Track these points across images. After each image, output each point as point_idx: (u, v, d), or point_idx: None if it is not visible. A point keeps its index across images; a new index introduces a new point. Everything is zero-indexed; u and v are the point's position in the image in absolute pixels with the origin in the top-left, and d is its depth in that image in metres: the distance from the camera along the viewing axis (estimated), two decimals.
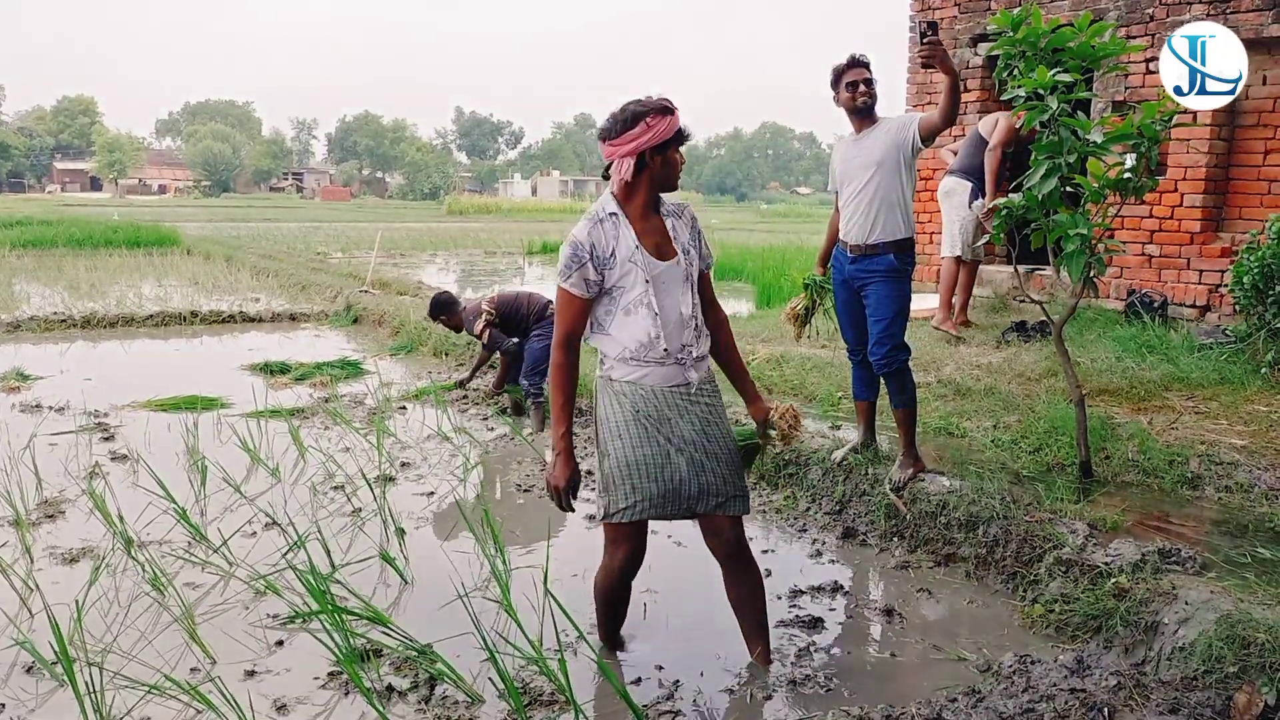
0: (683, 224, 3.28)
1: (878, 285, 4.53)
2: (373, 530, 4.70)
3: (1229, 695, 3.00)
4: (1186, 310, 7.62)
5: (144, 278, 14.99)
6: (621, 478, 3.17)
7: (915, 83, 9.88)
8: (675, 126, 3.09)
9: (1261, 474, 4.60)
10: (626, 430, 3.16)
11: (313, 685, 3.30)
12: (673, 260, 3.17)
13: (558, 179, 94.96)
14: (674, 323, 3.15)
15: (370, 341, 10.27)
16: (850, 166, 4.53)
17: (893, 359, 4.49)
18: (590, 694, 3.27)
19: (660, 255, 3.16)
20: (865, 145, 4.49)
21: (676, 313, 3.16)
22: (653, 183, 3.15)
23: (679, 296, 3.17)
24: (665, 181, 3.16)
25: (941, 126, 4.39)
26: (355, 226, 32.97)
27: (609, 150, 3.12)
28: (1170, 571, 3.62)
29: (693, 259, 3.24)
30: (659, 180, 3.15)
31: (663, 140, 3.08)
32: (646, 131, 3.05)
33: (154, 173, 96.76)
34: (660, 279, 3.14)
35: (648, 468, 3.15)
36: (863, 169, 4.47)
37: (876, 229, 4.48)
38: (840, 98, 4.50)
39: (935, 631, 3.74)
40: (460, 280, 18.43)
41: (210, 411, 6.92)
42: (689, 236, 3.27)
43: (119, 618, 3.74)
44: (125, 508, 4.71)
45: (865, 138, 4.50)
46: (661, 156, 3.11)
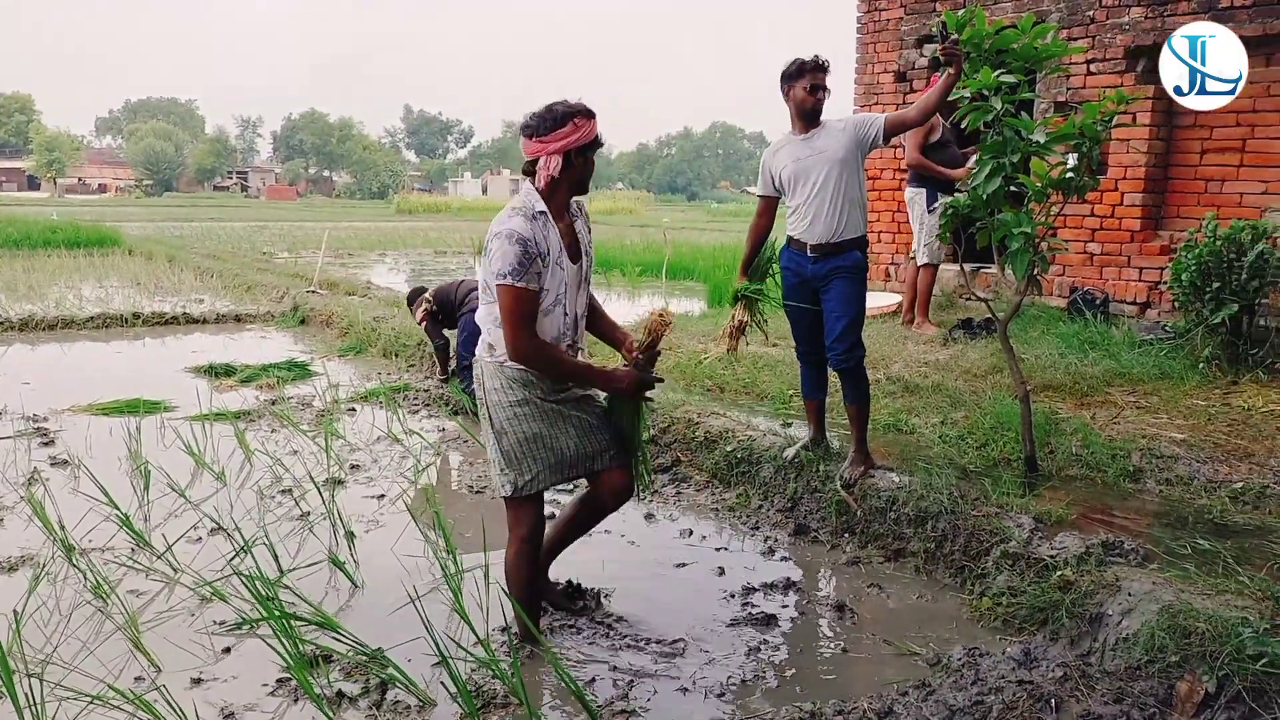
0: (583, 225, 3.48)
1: (842, 282, 4.53)
2: (322, 534, 4.64)
3: (1171, 684, 3.06)
4: (1127, 307, 7.78)
5: (84, 279, 14.66)
6: (522, 454, 3.40)
7: (862, 83, 9.98)
8: (595, 130, 3.27)
9: (1200, 467, 4.71)
10: (522, 409, 3.37)
11: (261, 692, 3.25)
12: (579, 263, 3.39)
13: (508, 178, 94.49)
14: (571, 319, 3.39)
15: (318, 342, 10.14)
16: (804, 165, 4.51)
17: (851, 355, 4.53)
18: (544, 695, 3.26)
19: (571, 257, 3.35)
20: (819, 144, 4.49)
21: (574, 311, 3.40)
22: (571, 183, 3.30)
23: (576, 296, 3.40)
24: (582, 183, 3.33)
25: (916, 123, 4.46)
26: (302, 226, 32.52)
27: (536, 147, 3.23)
28: (1114, 563, 3.69)
29: (591, 260, 3.47)
30: (577, 181, 3.31)
31: (587, 142, 3.25)
32: (574, 132, 3.21)
33: (94, 171, 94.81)
34: (570, 280, 3.35)
35: (542, 440, 3.40)
36: (822, 165, 4.46)
37: (844, 226, 4.50)
38: (795, 94, 4.48)
39: (886, 626, 3.77)
40: (410, 280, 18.27)
41: (153, 415, 6.79)
42: (589, 238, 3.47)
43: (60, 627, 3.65)
44: (66, 514, 4.61)
45: (816, 137, 4.51)
46: (584, 158, 3.27)
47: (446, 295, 7.29)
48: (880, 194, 9.84)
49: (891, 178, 9.71)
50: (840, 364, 4.56)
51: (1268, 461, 4.73)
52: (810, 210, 4.53)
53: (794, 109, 4.54)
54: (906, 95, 9.54)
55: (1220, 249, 6.14)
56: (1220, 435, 5.16)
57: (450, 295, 7.27)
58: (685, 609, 3.90)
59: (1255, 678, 2.90)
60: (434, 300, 7.25)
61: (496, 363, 3.36)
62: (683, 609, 3.90)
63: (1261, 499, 4.33)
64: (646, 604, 3.94)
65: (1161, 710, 3.02)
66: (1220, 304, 6.14)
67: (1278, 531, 3.96)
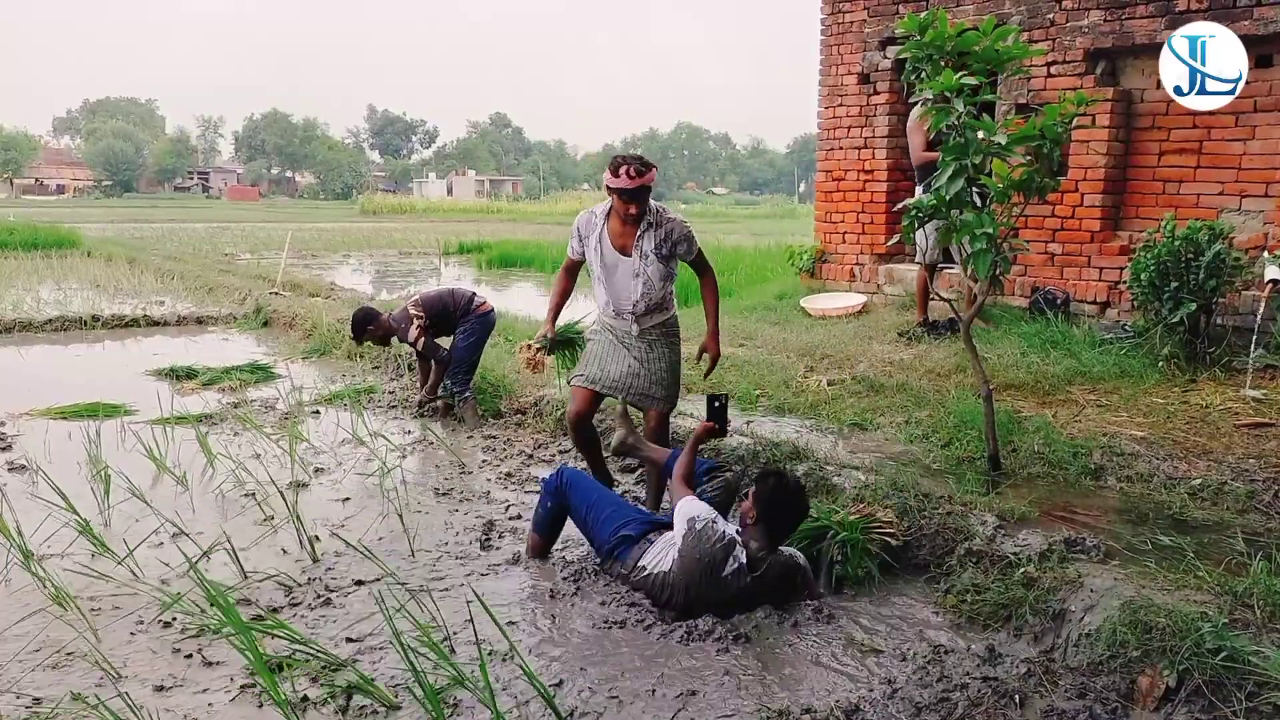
0: (652, 233, 4.57)
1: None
2: (286, 538, 4.59)
3: (1133, 679, 3.10)
4: (1088, 306, 7.87)
5: (42, 281, 14.43)
6: (584, 360, 4.86)
7: (826, 85, 10.03)
8: (614, 184, 4.41)
9: (1160, 464, 4.77)
10: (595, 336, 4.85)
11: (225, 698, 3.21)
12: (630, 257, 4.59)
13: (473, 179, 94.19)
14: (623, 295, 4.63)
15: (281, 345, 10.04)
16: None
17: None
18: (512, 699, 3.24)
19: (620, 250, 4.61)
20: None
21: (626, 291, 4.62)
22: (616, 205, 4.56)
23: (619, 279, 4.62)
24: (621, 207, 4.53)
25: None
26: (264, 227, 32.24)
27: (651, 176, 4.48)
28: (1076, 560, 3.74)
29: (648, 259, 4.57)
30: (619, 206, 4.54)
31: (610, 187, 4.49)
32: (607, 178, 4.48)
33: (51, 172, 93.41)
34: (610, 264, 4.63)
35: (593, 359, 4.78)
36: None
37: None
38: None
39: (851, 624, 3.79)
40: (375, 281, 18.16)
41: (113, 419, 6.69)
42: (652, 244, 4.57)
43: (18, 635, 3.59)
44: (23, 521, 4.52)
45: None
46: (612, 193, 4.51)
47: (442, 304, 6.90)
48: (845, 195, 9.90)
49: (856, 179, 9.77)
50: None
51: (1225, 458, 4.81)
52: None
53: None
54: (870, 97, 9.60)
55: (1178, 249, 6.24)
56: (1179, 433, 5.24)
57: (446, 303, 6.92)
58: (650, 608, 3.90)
59: (1215, 672, 2.95)
60: (425, 313, 6.81)
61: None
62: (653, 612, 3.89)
63: (1220, 495, 4.40)
64: (619, 609, 3.93)
65: (1123, 705, 3.06)
66: (1179, 303, 6.23)
67: (1236, 527, 4.03)
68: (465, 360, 6.80)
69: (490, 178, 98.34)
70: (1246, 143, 7.03)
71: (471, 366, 6.87)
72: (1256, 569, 3.47)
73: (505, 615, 3.74)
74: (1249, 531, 3.97)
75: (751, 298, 10.80)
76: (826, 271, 10.15)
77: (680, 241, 4.62)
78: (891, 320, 8.54)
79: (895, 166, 9.45)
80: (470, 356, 6.84)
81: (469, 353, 6.83)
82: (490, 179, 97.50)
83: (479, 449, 6.21)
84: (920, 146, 7.65)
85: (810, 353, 7.60)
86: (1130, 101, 7.67)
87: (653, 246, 4.55)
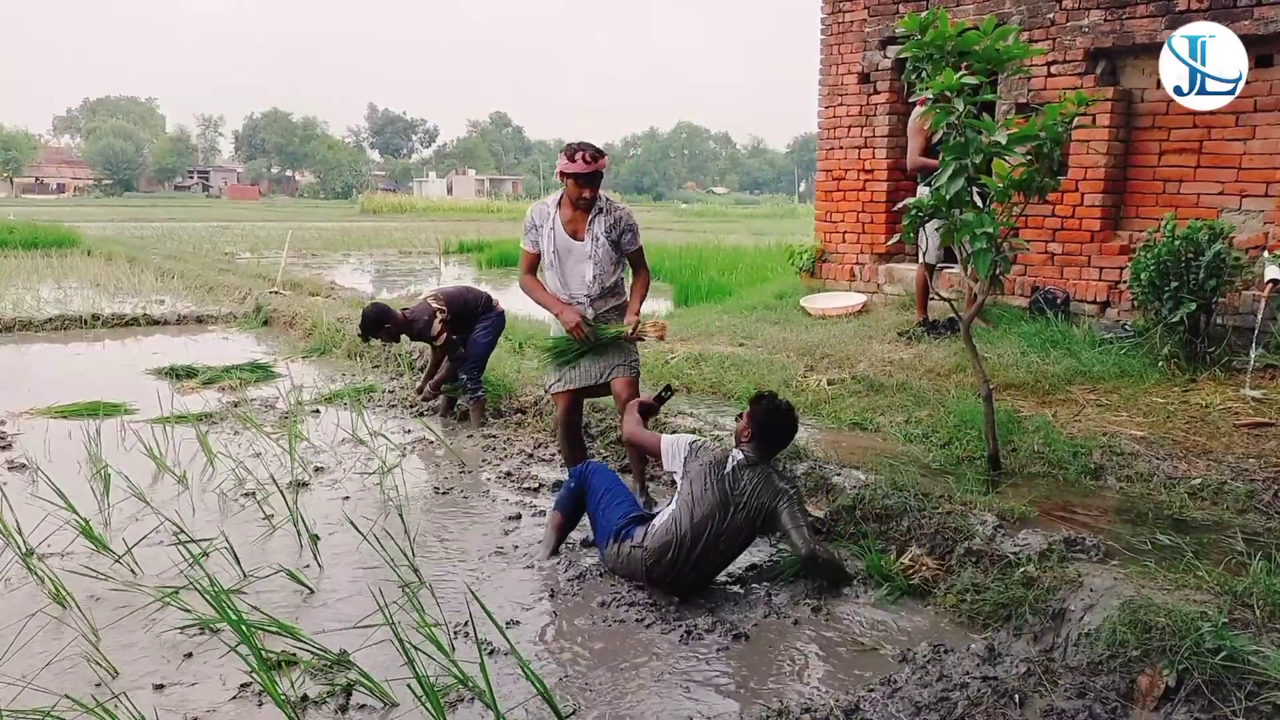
0: (602, 219, 4.84)
1: None
2: (286, 537, 4.60)
3: (1133, 678, 3.10)
4: (1088, 306, 7.87)
5: (42, 280, 14.43)
6: (555, 367, 5.03)
7: (826, 84, 10.03)
8: (568, 168, 4.69)
9: (1160, 463, 4.77)
10: (555, 336, 5.01)
11: (224, 697, 3.22)
12: (582, 241, 4.85)
13: (474, 178, 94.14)
14: (575, 279, 4.89)
15: (281, 344, 10.04)
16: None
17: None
18: (512, 696, 3.25)
19: (572, 235, 4.87)
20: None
21: (579, 274, 4.88)
22: (568, 192, 4.82)
23: (573, 264, 4.89)
24: (571, 193, 4.81)
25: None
26: (264, 226, 32.21)
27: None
28: (1076, 560, 3.74)
29: (599, 244, 4.84)
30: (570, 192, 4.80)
31: (562, 171, 4.75)
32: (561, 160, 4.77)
33: (52, 171, 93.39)
34: (562, 250, 4.88)
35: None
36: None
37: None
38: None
39: (851, 623, 3.79)
40: (375, 280, 18.16)
41: (113, 418, 6.69)
42: (602, 228, 4.84)
43: (17, 634, 3.58)
44: (23, 519, 4.52)
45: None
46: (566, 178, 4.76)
47: (464, 301, 6.84)
48: (845, 194, 9.90)
49: (856, 178, 9.77)
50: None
51: (1225, 458, 4.81)
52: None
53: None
54: (870, 97, 9.60)
55: (1178, 249, 6.23)
56: (1179, 432, 5.24)
57: (468, 300, 6.87)
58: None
59: (1214, 671, 2.95)
60: (448, 308, 6.70)
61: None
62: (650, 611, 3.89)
63: (1219, 495, 4.40)
64: (616, 608, 3.93)
65: (1123, 704, 3.06)
66: (1179, 303, 6.23)
67: (1235, 526, 4.03)
68: (483, 357, 6.80)
69: (490, 177, 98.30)
70: (1247, 142, 7.02)
71: (485, 364, 6.88)
72: (1256, 569, 3.47)
73: (505, 614, 3.75)
74: (1249, 531, 3.97)
75: (751, 297, 10.80)
76: (826, 271, 10.15)
77: (627, 230, 4.92)
78: (891, 320, 8.54)
79: (895, 166, 9.44)
80: (487, 353, 6.86)
81: (488, 349, 6.85)
82: (490, 178, 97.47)
83: (479, 448, 6.22)
84: (918, 150, 7.65)
85: (810, 352, 7.60)
86: (1130, 101, 7.66)
87: (603, 230, 4.85)
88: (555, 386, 5.06)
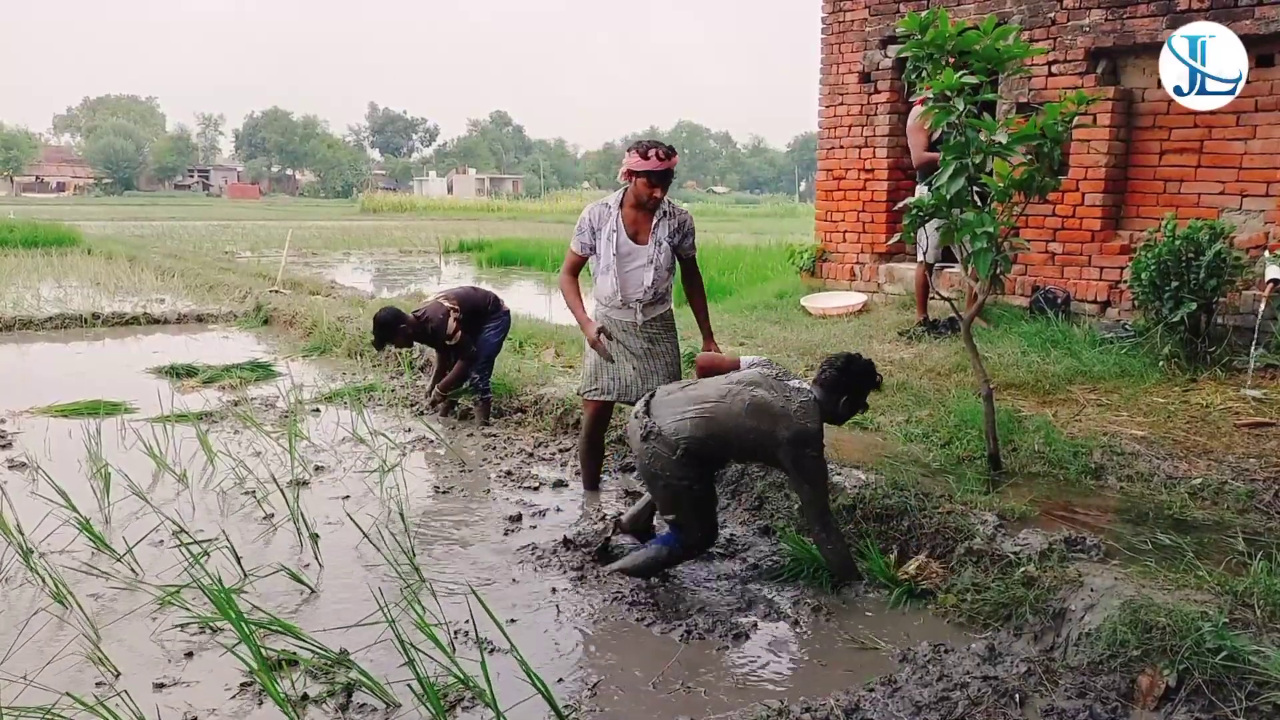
0: (666, 221, 4.73)
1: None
2: (286, 535, 4.59)
3: (1133, 678, 3.10)
4: (1088, 306, 7.87)
5: (42, 279, 14.42)
6: (590, 370, 4.91)
7: (827, 84, 10.03)
8: (639, 165, 4.51)
9: (1160, 463, 4.77)
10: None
11: (224, 696, 3.22)
12: (644, 245, 4.71)
13: (474, 177, 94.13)
14: (634, 284, 4.72)
15: (281, 343, 10.04)
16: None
17: None
18: (512, 695, 3.24)
19: (635, 239, 4.73)
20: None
21: (638, 279, 4.71)
22: (633, 191, 4.67)
23: (642, 270, 4.70)
24: (638, 193, 4.64)
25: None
26: (265, 225, 32.21)
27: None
28: (1076, 559, 3.74)
29: (662, 248, 4.70)
30: (636, 191, 4.65)
31: (632, 169, 4.57)
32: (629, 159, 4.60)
33: (52, 170, 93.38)
34: (623, 253, 4.71)
35: (601, 368, 4.85)
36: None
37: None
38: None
39: (852, 623, 3.79)
40: (376, 279, 18.15)
41: (114, 417, 6.69)
42: (665, 231, 4.72)
43: (17, 632, 3.59)
44: (24, 518, 4.51)
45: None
46: (637, 177, 4.58)
47: (474, 301, 6.80)
48: (845, 194, 9.90)
49: (856, 177, 9.77)
50: None
51: (1225, 458, 4.81)
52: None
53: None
54: (871, 96, 9.60)
55: (1179, 248, 6.23)
56: (1180, 432, 5.24)
57: (477, 300, 6.83)
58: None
59: (1215, 671, 2.95)
60: (460, 308, 6.63)
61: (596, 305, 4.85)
62: (652, 613, 3.89)
63: (1220, 495, 4.40)
64: (617, 607, 3.93)
65: (1123, 704, 3.06)
66: (1179, 303, 6.23)
67: (1236, 526, 4.03)
68: (492, 357, 6.82)
69: (491, 176, 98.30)
70: (1247, 142, 7.02)
71: (494, 364, 6.89)
72: (1256, 568, 3.47)
73: (506, 613, 3.75)
74: (1249, 531, 3.97)
75: (752, 296, 10.79)
76: (827, 270, 10.15)
77: (689, 234, 4.82)
78: (892, 319, 8.54)
79: (896, 165, 9.45)
80: (496, 353, 6.87)
81: (498, 349, 6.87)
82: (491, 177, 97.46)
83: (479, 447, 6.22)
84: (921, 146, 7.63)
85: (810, 351, 7.59)
86: (1131, 101, 7.66)
87: (667, 235, 4.73)
88: (591, 394, 4.93)
